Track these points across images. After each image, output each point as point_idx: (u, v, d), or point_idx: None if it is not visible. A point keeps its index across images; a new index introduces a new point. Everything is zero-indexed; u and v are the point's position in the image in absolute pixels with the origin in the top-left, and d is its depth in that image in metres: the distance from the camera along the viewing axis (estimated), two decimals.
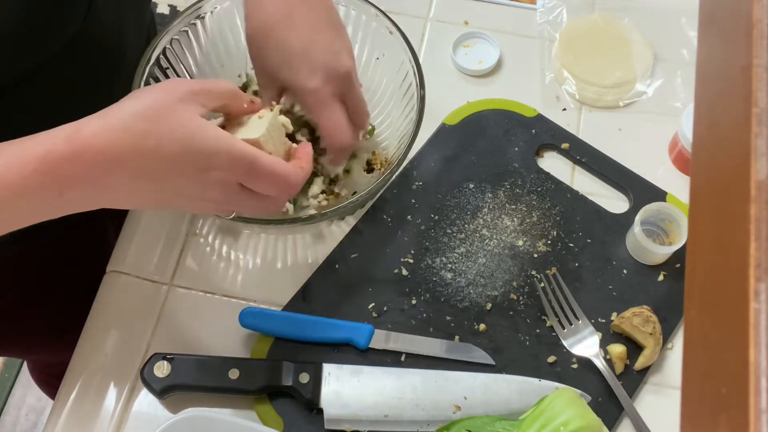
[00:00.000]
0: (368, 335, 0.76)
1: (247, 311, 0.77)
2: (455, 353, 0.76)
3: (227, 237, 0.83)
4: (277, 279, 0.81)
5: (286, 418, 0.73)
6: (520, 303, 0.79)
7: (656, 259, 0.81)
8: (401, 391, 0.73)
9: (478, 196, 0.85)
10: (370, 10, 0.83)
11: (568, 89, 0.93)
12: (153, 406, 0.74)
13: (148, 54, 0.76)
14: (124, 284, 0.80)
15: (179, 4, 1.44)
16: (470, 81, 0.95)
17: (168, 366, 0.72)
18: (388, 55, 0.84)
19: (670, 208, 0.80)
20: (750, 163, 0.29)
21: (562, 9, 0.99)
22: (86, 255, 0.91)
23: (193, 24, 0.81)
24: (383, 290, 0.79)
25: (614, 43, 0.95)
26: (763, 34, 0.31)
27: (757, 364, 0.26)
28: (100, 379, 0.75)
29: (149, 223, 0.84)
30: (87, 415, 0.74)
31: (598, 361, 0.75)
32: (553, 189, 0.86)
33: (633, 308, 0.77)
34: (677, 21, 0.98)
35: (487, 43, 0.97)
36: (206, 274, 0.81)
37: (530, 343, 0.77)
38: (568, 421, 0.66)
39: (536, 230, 0.83)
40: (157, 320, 0.79)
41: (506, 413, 0.72)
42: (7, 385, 1.71)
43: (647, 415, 0.73)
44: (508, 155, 0.88)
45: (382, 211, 0.84)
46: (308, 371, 0.73)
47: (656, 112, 0.92)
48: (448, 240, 0.82)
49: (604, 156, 0.88)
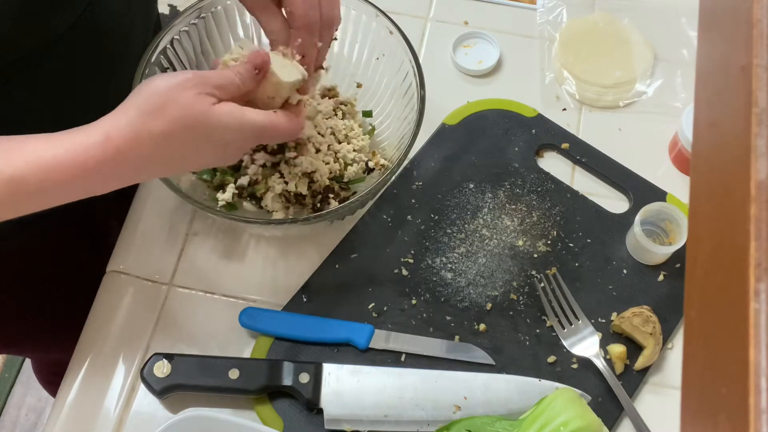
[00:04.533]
0: (368, 335, 0.76)
1: (247, 311, 0.77)
2: (455, 353, 0.76)
3: (227, 237, 0.83)
4: (277, 279, 0.81)
5: (286, 418, 0.73)
6: (520, 303, 0.79)
7: (656, 259, 0.81)
8: (401, 391, 0.73)
9: (478, 196, 0.85)
10: (370, 10, 0.83)
11: (568, 89, 0.93)
12: (153, 406, 0.74)
13: (148, 54, 0.76)
14: (124, 284, 0.80)
15: (179, 4, 1.44)
16: (470, 81, 0.95)
17: (168, 366, 0.72)
18: (388, 55, 0.84)
19: (670, 208, 0.80)
20: (750, 163, 0.29)
21: (562, 9, 0.99)
22: (91, 254, 0.91)
23: (193, 24, 0.81)
24: (383, 290, 0.79)
25: (614, 43, 0.95)
26: (763, 34, 0.31)
27: (757, 364, 0.26)
28: (100, 379, 0.75)
29: (149, 223, 0.84)
30: (87, 414, 0.74)
31: (598, 361, 0.75)
32: (553, 189, 0.86)
33: (633, 308, 0.77)
34: (677, 21, 0.98)
35: (487, 43, 0.97)
36: (206, 274, 0.81)
37: (530, 343, 0.77)
38: (568, 421, 0.66)
39: (536, 230, 0.83)
40: (157, 320, 0.79)
41: (506, 413, 0.72)
42: (7, 385, 1.71)
43: (647, 415, 0.73)
44: (508, 155, 0.88)
45: (382, 211, 0.84)
46: (308, 371, 0.73)
47: (656, 112, 0.92)
48: (448, 240, 0.82)
49: (604, 156, 0.88)
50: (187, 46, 0.81)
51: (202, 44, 0.83)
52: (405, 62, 0.81)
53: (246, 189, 0.79)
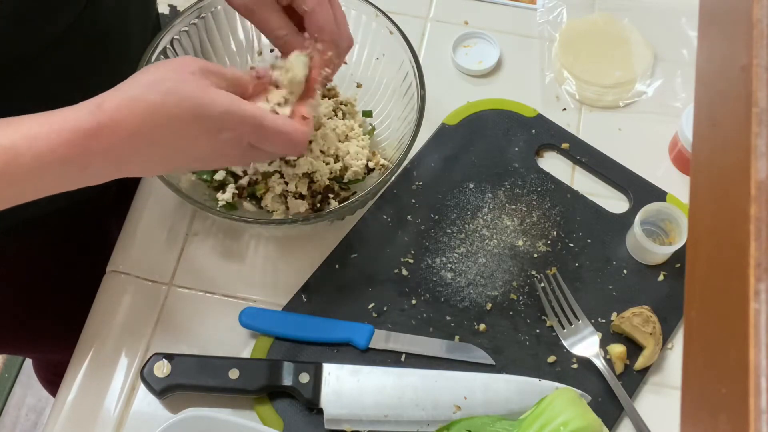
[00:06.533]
0: (368, 335, 0.76)
1: (247, 311, 0.77)
2: (455, 353, 0.76)
3: (227, 237, 0.83)
4: (277, 279, 0.81)
5: (286, 418, 0.73)
6: (520, 303, 0.79)
7: (656, 259, 0.81)
8: (401, 391, 0.73)
9: (478, 196, 0.85)
10: (370, 10, 0.83)
11: (568, 89, 0.93)
12: (153, 406, 0.74)
13: (148, 54, 0.76)
14: (124, 284, 0.80)
15: (179, 4, 1.44)
16: (470, 81, 0.95)
17: (168, 366, 0.72)
18: (388, 55, 0.84)
19: (670, 208, 0.80)
20: (750, 163, 0.29)
21: (562, 9, 0.99)
22: (91, 254, 0.91)
23: (193, 24, 0.81)
24: (383, 290, 0.79)
25: (614, 43, 0.95)
26: (763, 34, 0.31)
27: (757, 364, 0.26)
28: (100, 378, 0.75)
29: (149, 223, 0.84)
30: (87, 414, 0.74)
31: (598, 361, 0.75)
32: (553, 189, 0.86)
33: (633, 308, 0.77)
34: (677, 21, 0.98)
35: (487, 43, 0.97)
36: (206, 274, 0.81)
37: (530, 343, 0.77)
38: (568, 421, 0.66)
39: (536, 230, 0.83)
40: (157, 320, 0.79)
41: (506, 413, 0.72)
42: (7, 385, 1.71)
43: (647, 415, 0.73)
44: (508, 155, 0.88)
45: (382, 211, 0.84)
46: (308, 371, 0.73)
47: (656, 112, 0.92)
48: (448, 240, 0.82)
49: (604, 156, 0.88)
50: (187, 46, 0.81)
51: (202, 44, 0.83)
52: (405, 62, 0.81)
53: (246, 189, 0.79)
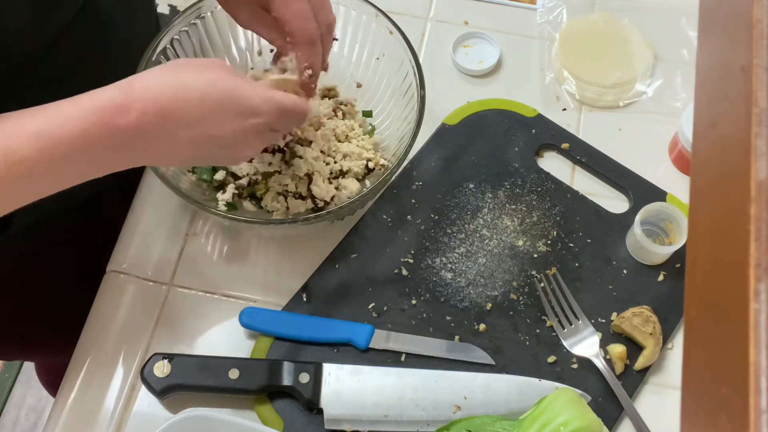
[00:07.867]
0: (368, 335, 0.76)
1: (247, 311, 0.77)
2: (455, 353, 0.76)
3: (227, 237, 0.83)
4: (277, 279, 0.81)
5: (286, 418, 0.73)
6: (520, 303, 0.79)
7: (656, 259, 0.81)
8: (401, 391, 0.73)
9: (478, 196, 0.85)
10: (370, 10, 0.83)
11: (568, 89, 0.93)
12: (153, 406, 0.74)
13: (148, 54, 0.76)
14: (124, 284, 0.80)
15: (179, 4, 1.44)
16: (470, 81, 0.95)
17: (168, 366, 0.72)
18: (388, 55, 0.84)
19: (670, 208, 0.80)
20: (750, 163, 0.29)
21: (562, 9, 0.99)
22: (91, 254, 0.91)
23: (193, 24, 0.81)
24: (383, 290, 0.79)
25: (614, 43, 0.95)
26: (763, 34, 0.31)
27: (757, 364, 0.26)
28: (100, 379, 0.75)
29: (149, 223, 0.84)
30: (87, 415, 0.74)
31: (598, 361, 0.75)
32: (553, 189, 0.86)
33: (633, 308, 0.77)
34: (677, 21, 0.98)
35: (487, 43, 0.97)
36: (206, 274, 0.81)
37: (530, 343, 0.77)
38: (568, 421, 0.66)
39: (536, 230, 0.83)
40: (157, 320, 0.79)
41: (506, 413, 0.72)
42: (7, 385, 1.71)
43: (647, 415, 0.73)
44: (508, 155, 0.88)
45: (382, 211, 0.84)
46: (308, 371, 0.73)
47: (656, 112, 0.92)
48: (448, 240, 0.82)
49: (604, 156, 0.88)
50: (187, 46, 0.81)
51: (201, 44, 0.83)
52: (405, 62, 0.81)
53: (246, 189, 0.79)
